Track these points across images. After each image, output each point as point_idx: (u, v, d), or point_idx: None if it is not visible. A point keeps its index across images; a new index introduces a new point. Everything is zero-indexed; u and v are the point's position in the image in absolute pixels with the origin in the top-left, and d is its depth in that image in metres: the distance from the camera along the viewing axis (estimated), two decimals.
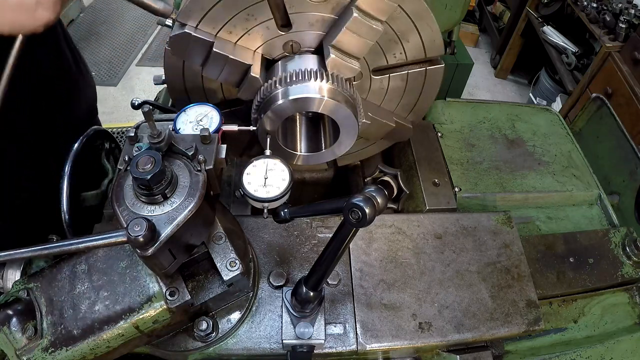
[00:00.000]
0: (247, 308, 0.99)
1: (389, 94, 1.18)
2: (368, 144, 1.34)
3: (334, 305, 1.02)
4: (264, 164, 0.91)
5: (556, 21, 3.96)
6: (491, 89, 4.75)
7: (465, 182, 1.37)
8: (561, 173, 1.47)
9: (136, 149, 0.79)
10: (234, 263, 0.87)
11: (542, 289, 1.17)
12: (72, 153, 1.12)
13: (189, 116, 0.93)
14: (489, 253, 1.13)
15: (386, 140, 1.32)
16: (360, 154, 1.39)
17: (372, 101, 1.19)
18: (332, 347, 0.98)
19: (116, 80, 4.36)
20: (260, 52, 1.04)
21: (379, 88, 1.16)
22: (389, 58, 1.09)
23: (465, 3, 1.70)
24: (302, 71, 1.00)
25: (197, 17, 0.96)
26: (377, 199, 0.71)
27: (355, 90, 1.07)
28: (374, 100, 1.19)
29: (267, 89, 1.01)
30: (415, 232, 1.15)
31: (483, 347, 1.07)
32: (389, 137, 1.29)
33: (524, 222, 1.37)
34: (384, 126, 1.21)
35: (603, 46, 3.18)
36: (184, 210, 0.73)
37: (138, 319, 0.80)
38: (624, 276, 1.25)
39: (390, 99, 1.19)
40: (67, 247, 0.72)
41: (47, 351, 0.78)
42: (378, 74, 1.12)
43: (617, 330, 1.21)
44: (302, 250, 1.10)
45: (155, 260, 0.72)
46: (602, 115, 1.82)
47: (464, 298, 1.06)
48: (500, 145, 1.52)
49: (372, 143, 1.34)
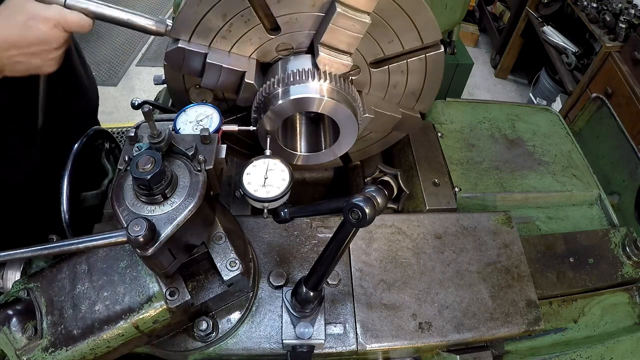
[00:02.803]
0: (247, 308, 0.99)
1: (392, 86, 1.16)
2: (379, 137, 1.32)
3: (334, 305, 1.02)
4: (264, 164, 0.91)
5: (556, 21, 3.96)
6: (491, 89, 4.75)
7: (465, 182, 1.37)
8: (561, 173, 1.47)
9: (136, 149, 0.79)
10: (234, 263, 0.87)
11: (542, 289, 1.17)
12: (72, 153, 1.12)
13: (189, 116, 0.93)
14: (489, 253, 1.13)
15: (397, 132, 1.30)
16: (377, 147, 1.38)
17: (375, 94, 1.17)
18: (332, 347, 0.98)
19: (116, 80, 4.36)
20: (255, 57, 1.06)
21: (381, 80, 1.14)
22: (385, 49, 1.08)
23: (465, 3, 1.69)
24: (297, 72, 1.00)
25: (188, 31, 0.98)
26: (377, 199, 0.71)
27: (354, 89, 1.07)
28: (377, 93, 1.17)
29: (267, 89, 1.01)
30: (415, 232, 1.15)
31: (483, 347, 1.07)
32: (398, 129, 1.27)
33: (524, 222, 1.37)
34: (390, 118, 1.20)
35: (603, 46, 3.18)
36: (184, 210, 0.73)
37: (138, 319, 0.80)
38: (624, 276, 1.25)
39: (393, 91, 1.18)
40: (67, 247, 0.72)
41: (47, 351, 0.78)
42: (377, 66, 1.11)
43: (617, 330, 1.21)
44: (302, 250, 1.10)
45: (155, 260, 0.72)
46: (602, 115, 1.82)
47: (464, 298, 1.06)
48: (500, 145, 1.52)
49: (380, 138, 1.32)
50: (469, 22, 5.22)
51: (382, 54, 1.08)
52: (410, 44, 1.07)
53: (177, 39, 1.00)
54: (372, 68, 1.11)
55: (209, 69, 1.01)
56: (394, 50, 1.08)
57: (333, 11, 0.93)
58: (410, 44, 1.07)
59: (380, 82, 1.15)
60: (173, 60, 1.02)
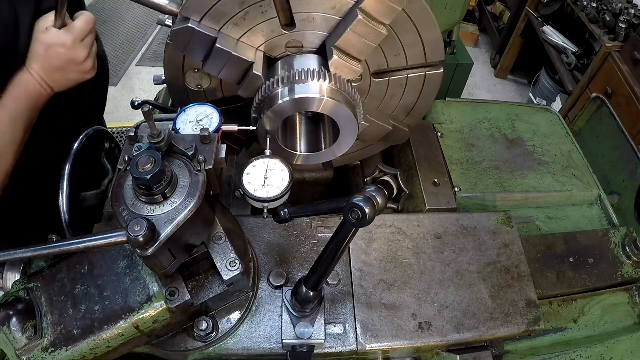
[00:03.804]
0: (247, 308, 0.99)
1: (388, 97, 1.18)
2: (364, 146, 1.34)
3: (334, 305, 1.02)
4: (264, 164, 0.91)
5: (556, 21, 3.96)
6: (491, 89, 4.75)
7: (465, 182, 1.37)
8: (561, 173, 1.47)
9: (136, 149, 0.79)
10: (234, 263, 0.87)
11: (542, 289, 1.17)
12: (72, 153, 1.12)
13: (189, 116, 0.93)
14: (489, 253, 1.13)
15: (382, 143, 1.33)
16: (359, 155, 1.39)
17: (370, 103, 1.19)
18: (332, 347, 0.98)
19: (116, 80, 4.36)
20: (262, 49, 1.04)
21: (378, 91, 1.16)
22: (390, 62, 1.09)
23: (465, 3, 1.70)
24: (303, 71, 1.00)
25: (201, 11, 0.94)
26: (377, 199, 0.71)
27: (356, 91, 1.07)
28: (372, 102, 1.19)
29: (268, 89, 1.01)
30: (415, 232, 1.15)
31: (483, 347, 1.07)
32: (385, 140, 1.29)
33: (524, 222, 1.37)
34: (381, 129, 1.21)
35: (603, 46, 3.18)
36: (184, 210, 0.73)
37: (138, 319, 0.80)
38: (624, 276, 1.25)
39: (388, 102, 1.19)
40: (67, 247, 0.71)
41: (47, 351, 0.78)
42: (378, 77, 1.12)
43: (617, 330, 1.21)
44: (302, 250, 1.10)
45: (155, 260, 0.72)
46: (602, 115, 1.82)
47: (464, 298, 1.06)
48: (500, 145, 1.52)
49: (367, 146, 1.34)
50: (469, 22, 5.22)
51: (387, 65, 1.10)
52: (414, 60, 1.09)
53: (187, 18, 0.95)
54: (374, 78, 1.12)
55: (216, 54, 0.98)
56: (398, 64, 1.10)
57: (354, 17, 0.93)
58: (414, 60, 1.09)
59: (378, 92, 1.16)
60: (179, 40, 0.97)
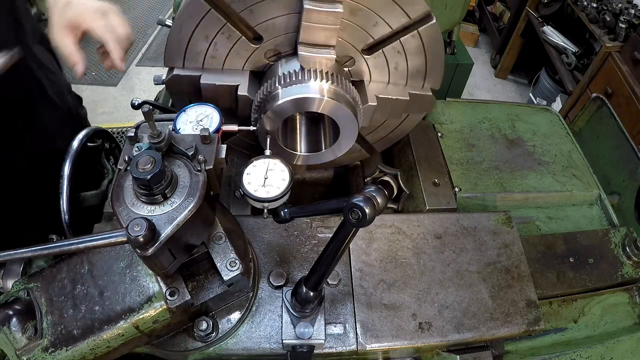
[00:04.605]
0: (247, 308, 0.99)
1: (392, 68, 1.13)
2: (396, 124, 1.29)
3: (334, 305, 1.02)
4: (264, 164, 0.91)
5: (556, 21, 3.96)
6: (491, 89, 4.75)
7: (465, 182, 1.37)
8: (561, 173, 1.47)
9: (136, 149, 0.79)
10: (234, 263, 0.86)
11: (542, 289, 1.17)
12: (71, 153, 1.12)
13: (189, 116, 0.93)
14: (489, 253, 1.13)
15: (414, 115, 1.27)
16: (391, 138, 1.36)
17: (378, 80, 1.15)
18: (332, 347, 0.98)
19: (116, 80, 4.36)
20: (248, 68, 1.08)
21: (379, 65, 1.12)
22: (373, 33, 1.04)
23: (465, 3, 1.70)
24: (292, 73, 1.00)
25: (179, 58, 1.03)
26: (377, 199, 0.70)
27: (353, 87, 1.06)
28: (379, 79, 1.15)
29: (267, 89, 1.01)
30: (415, 232, 1.15)
31: (483, 347, 1.07)
32: (412, 111, 1.24)
33: (524, 222, 1.37)
34: (397, 102, 1.16)
35: (603, 46, 3.18)
36: (184, 210, 0.73)
37: (138, 319, 0.80)
38: (624, 276, 1.25)
39: (396, 73, 1.14)
40: (67, 247, 0.71)
41: (47, 351, 0.78)
42: (370, 52, 1.09)
43: (617, 330, 1.21)
44: (302, 250, 1.10)
45: (155, 260, 0.72)
46: (602, 115, 1.82)
47: (464, 298, 1.06)
48: (500, 145, 1.52)
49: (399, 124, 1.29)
50: (469, 22, 5.22)
51: (372, 38, 1.05)
52: (397, 23, 1.03)
53: (173, 67, 1.04)
54: (366, 55, 1.09)
55: (205, 88, 1.05)
56: (383, 33, 1.05)
57: (303, 8, 0.93)
58: (397, 23, 1.03)
59: (379, 67, 1.12)
60: (173, 87, 1.08)
